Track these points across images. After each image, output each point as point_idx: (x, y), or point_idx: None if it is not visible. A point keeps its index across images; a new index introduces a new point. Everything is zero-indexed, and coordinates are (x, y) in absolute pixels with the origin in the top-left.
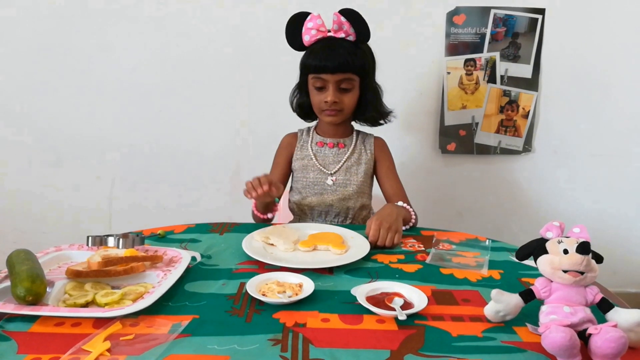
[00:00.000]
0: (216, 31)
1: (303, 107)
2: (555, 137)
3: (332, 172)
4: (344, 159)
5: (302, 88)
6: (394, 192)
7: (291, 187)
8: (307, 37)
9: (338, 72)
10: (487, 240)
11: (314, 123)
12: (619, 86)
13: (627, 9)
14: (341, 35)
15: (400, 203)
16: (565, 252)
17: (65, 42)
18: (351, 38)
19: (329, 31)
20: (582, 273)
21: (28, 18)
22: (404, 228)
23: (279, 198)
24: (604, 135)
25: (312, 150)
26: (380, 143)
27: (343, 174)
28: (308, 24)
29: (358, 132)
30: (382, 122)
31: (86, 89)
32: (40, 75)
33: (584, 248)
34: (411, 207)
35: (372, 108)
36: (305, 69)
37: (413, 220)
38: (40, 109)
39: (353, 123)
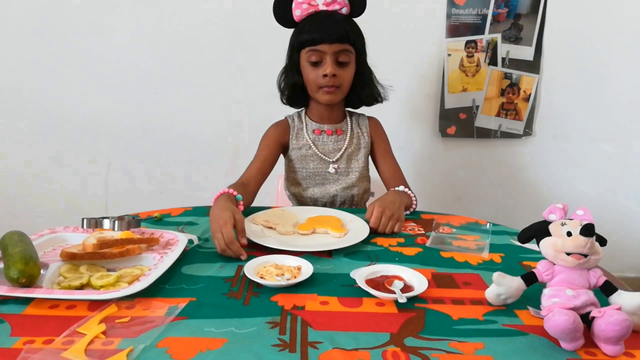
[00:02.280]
0: (211, 10)
1: (295, 88)
2: (556, 121)
3: (334, 159)
4: (344, 147)
5: (293, 68)
6: (392, 174)
7: (288, 178)
8: (299, 11)
9: (336, 42)
10: (488, 224)
11: (302, 109)
12: (622, 70)
13: None
14: (334, 7)
15: (401, 188)
16: (569, 234)
17: (57, 22)
18: (345, 10)
19: (320, 5)
20: (585, 256)
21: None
22: (405, 213)
23: (257, 187)
24: (605, 120)
25: (309, 138)
26: (374, 123)
27: (345, 162)
28: None
29: (351, 113)
30: (379, 99)
31: (79, 71)
32: (32, 57)
33: (588, 230)
34: (410, 189)
35: (369, 85)
36: (299, 44)
37: (414, 206)
38: (32, 92)
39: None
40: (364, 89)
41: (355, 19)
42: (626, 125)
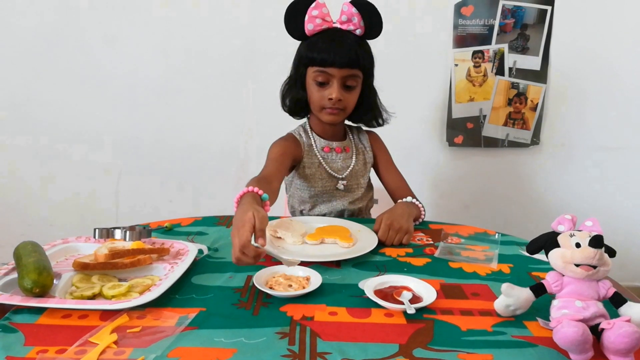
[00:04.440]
0: (222, 23)
1: (298, 103)
2: (564, 130)
3: (343, 176)
4: (352, 164)
5: (297, 82)
6: (397, 185)
7: (293, 195)
8: (311, 25)
9: (346, 67)
10: (497, 234)
11: (303, 121)
12: (629, 78)
13: (638, 0)
14: (349, 27)
15: (409, 199)
16: (578, 245)
17: (71, 35)
18: (358, 32)
19: (334, 22)
20: (594, 267)
21: (32, 11)
22: (414, 224)
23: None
24: (613, 128)
25: (319, 155)
26: (374, 137)
27: (352, 179)
28: (313, 11)
29: (350, 128)
30: (380, 122)
31: (92, 82)
32: (46, 68)
33: (597, 242)
34: (417, 198)
35: (372, 109)
36: (307, 60)
37: (423, 216)
38: (46, 103)
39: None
40: (367, 112)
41: None
42: (634, 133)
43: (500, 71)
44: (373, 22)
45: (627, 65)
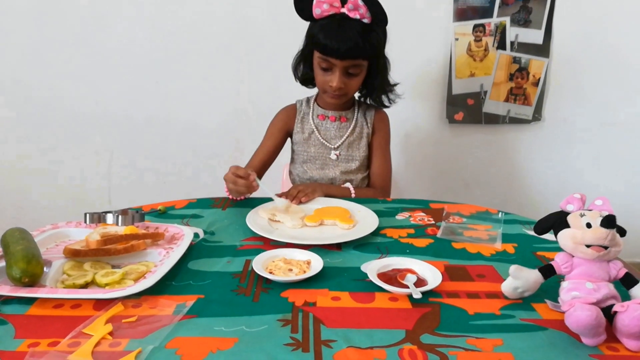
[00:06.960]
0: (216, 0)
1: (306, 79)
2: (566, 106)
3: (335, 146)
4: (347, 134)
5: (306, 59)
6: (379, 171)
7: (292, 159)
8: (318, 10)
9: (347, 58)
10: (499, 213)
11: (313, 92)
12: (633, 53)
13: None
14: (356, 16)
15: (347, 185)
16: (589, 225)
17: (59, 12)
18: (366, 21)
19: (343, 6)
20: (606, 248)
21: None
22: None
23: (259, 178)
24: (616, 104)
25: (313, 123)
26: (380, 116)
27: (346, 149)
28: None
29: (360, 103)
30: (385, 103)
31: (82, 61)
32: (35, 48)
33: (609, 222)
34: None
35: (378, 89)
36: (313, 44)
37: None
38: (35, 83)
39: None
40: (372, 93)
41: None
42: (637, 109)
43: (501, 45)
44: (377, 12)
45: (631, 40)
